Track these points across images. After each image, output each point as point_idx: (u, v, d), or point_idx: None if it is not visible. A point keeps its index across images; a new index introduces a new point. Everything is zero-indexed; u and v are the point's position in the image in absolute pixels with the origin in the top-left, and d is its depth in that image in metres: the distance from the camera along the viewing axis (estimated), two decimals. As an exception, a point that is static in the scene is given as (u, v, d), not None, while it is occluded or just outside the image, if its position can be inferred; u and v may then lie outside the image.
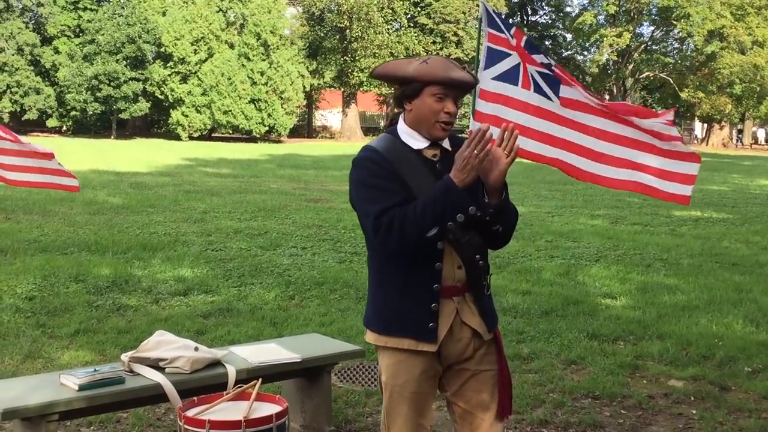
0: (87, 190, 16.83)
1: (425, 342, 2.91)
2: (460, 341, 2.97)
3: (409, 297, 2.91)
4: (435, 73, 2.84)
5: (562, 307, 7.74)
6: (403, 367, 2.94)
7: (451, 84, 2.85)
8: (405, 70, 2.90)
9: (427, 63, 2.87)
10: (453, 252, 2.90)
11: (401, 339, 2.93)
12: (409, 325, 2.91)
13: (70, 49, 45.18)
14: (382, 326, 2.97)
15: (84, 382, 3.71)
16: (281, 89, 45.88)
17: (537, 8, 64.63)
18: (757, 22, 52.85)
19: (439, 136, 2.92)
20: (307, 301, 7.82)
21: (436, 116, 2.88)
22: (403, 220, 2.76)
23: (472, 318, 2.97)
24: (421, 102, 2.89)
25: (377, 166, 2.88)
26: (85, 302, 7.44)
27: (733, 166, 35.69)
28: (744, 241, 12.46)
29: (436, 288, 2.89)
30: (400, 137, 2.96)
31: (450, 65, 2.87)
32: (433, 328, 2.90)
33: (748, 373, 5.94)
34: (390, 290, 2.96)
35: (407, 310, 2.92)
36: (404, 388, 2.95)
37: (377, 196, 2.82)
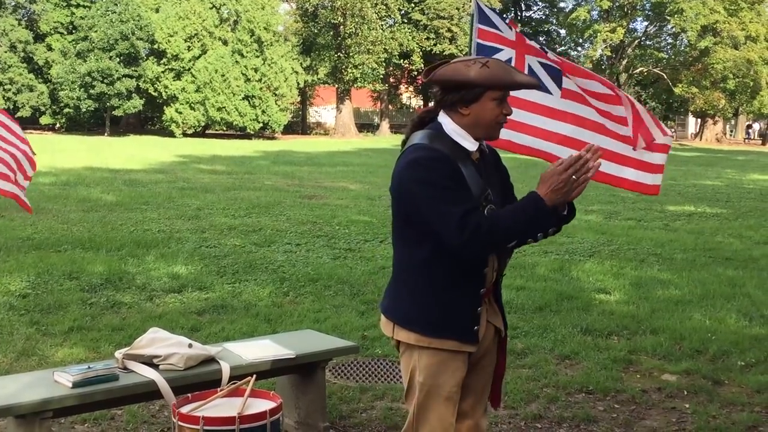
0: (81, 187, 16.80)
1: (468, 344, 2.97)
2: (486, 339, 3.07)
3: (452, 300, 2.93)
4: (500, 78, 2.82)
5: (556, 302, 7.76)
6: (444, 368, 2.95)
7: (515, 88, 2.92)
8: (467, 75, 2.82)
9: (488, 67, 2.82)
10: (494, 256, 2.99)
11: (445, 340, 2.93)
12: (455, 327, 2.94)
13: (63, 46, 45.00)
14: (427, 327, 2.94)
15: (78, 380, 3.71)
16: (275, 86, 45.79)
17: (531, 4, 64.65)
18: (750, 17, 52.92)
19: (496, 136, 2.99)
20: (302, 298, 7.82)
21: (497, 119, 2.90)
22: (491, 226, 2.75)
23: (495, 317, 3.10)
24: (482, 106, 2.86)
25: (445, 166, 2.82)
26: (79, 300, 7.43)
27: (727, 161, 35.77)
28: (737, 236, 12.50)
29: (482, 292, 2.97)
30: (451, 137, 2.91)
31: (509, 69, 2.91)
32: (477, 330, 2.98)
33: (741, 367, 5.96)
34: (437, 291, 2.92)
35: (454, 312, 2.94)
36: (442, 388, 2.96)
37: (454, 197, 2.78)
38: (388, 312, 3.06)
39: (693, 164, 31.94)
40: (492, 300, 3.09)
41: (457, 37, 50.54)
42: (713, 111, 55.67)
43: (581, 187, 2.75)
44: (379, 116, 58.47)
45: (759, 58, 51.94)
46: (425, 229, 2.84)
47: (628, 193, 18.43)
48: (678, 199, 18.00)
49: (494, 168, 3.08)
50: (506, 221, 2.78)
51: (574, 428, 4.82)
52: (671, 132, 5.13)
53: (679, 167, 28.71)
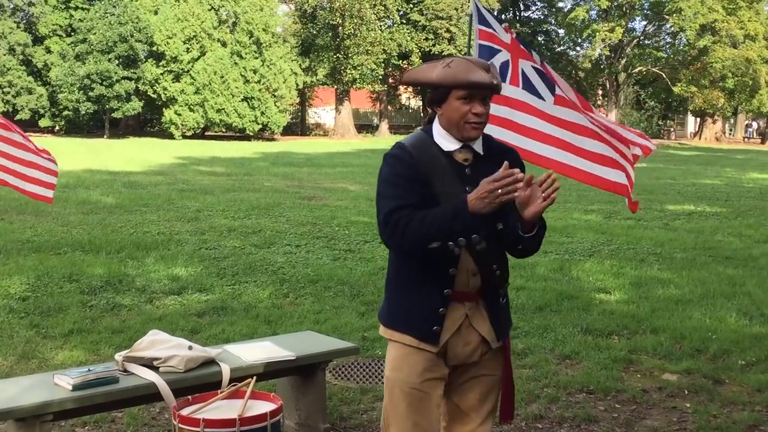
0: (80, 190, 16.80)
1: (427, 343, 2.94)
2: (468, 345, 3.00)
3: (418, 297, 2.94)
4: (456, 77, 2.83)
5: (556, 302, 7.76)
6: (406, 362, 2.97)
7: (472, 86, 2.85)
8: (429, 77, 2.90)
9: (449, 66, 2.85)
10: (470, 259, 2.92)
11: (405, 335, 2.97)
12: (414, 324, 2.95)
13: (62, 48, 44.99)
14: (391, 320, 3.03)
15: (78, 382, 3.70)
16: (274, 87, 45.78)
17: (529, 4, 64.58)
18: (749, 15, 52.90)
19: (472, 136, 2.92)
20: (302, 299, 7.82)
21: (464, 118, 2.88)
22: (408, 223, 2.78)
23: (482, 324, 3.00)
24: (449, 106, 2.89)
25: (402, 165, 2.90)
26: (78, 302, 7.43)
27: (726, 159, 35.77)
28: (737, 235, 12.50)
29: (446, 293, 2.92)
30: (433, 137, 2.97)
31: (471, 67, 2.85)
32: (436, 331, 2.93)
33: (741, 366, 5.96)
34: (402, 287, 3.00)
35: (415, 309, 2.95)
36: (404, 382, 2.97)
37: (395, 194, 2.85)
38: (378, 313, 3.18)
39: (692, 163, 31.94)
40: (483, 306, 3.00)
41: (455, 37, 50.54)
42: (712, 110, 55.65)
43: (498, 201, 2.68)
44: (378, 117, 58.45)
45: (758, 57, 51.92)
46: None
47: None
48: (677, 198, 18.01)
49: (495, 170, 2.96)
50: (426, 219, 2.77)
51: (575, 428, 4.82)
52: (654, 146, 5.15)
53: (678, 166, 28.72)
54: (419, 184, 2.85)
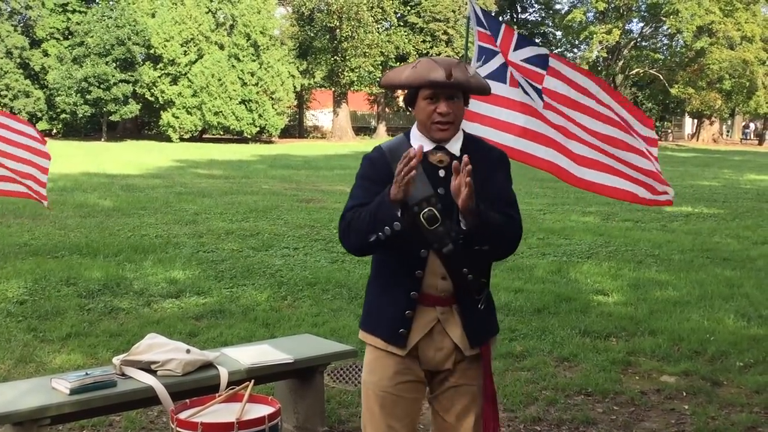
0: (78, 193, 16.78)
1: (395, 346, 2.93)
2: (441, 350, 2.95)
3: (387, 299, 2.95)
4: (419, 77, 2.84)
5: (554, 304, 7.76)
6: (377, 365, 2.98)
7: (432, 86, 2.83)
8: (400, 78, 2.91)
9: (416, 67, 2.86)
10: (438, 262, 2.88)
11: (375, 338, 2.99)
12: (383, 326, 2.96)
13: (59, 51, 44.96)
14: (364, 322, 3.06)
15: (75, 386, 3.70)
16: (272, 90, 45.76)
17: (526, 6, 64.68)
18: (746, 17, 52.96)
19: (438, 137, 2.90)
20: (300, 302, 7.82)
21: (431, 118, 2.87)
22: (350, 221, 2.85)
23: (454, 330, 2.94)
24: (418, 106, 2.90)
25: (371, 167, 2.95)
26: (76, 305, 7.42)
27: (724, 161, 35.80)
28: (735, 236, 12.51)
29: (413, 295, 2.89)
30: (410, 139, 2.98)
31: (433, 66, 2.83)
32: (403, 334, 2.91)
33: (739, 367, 5.96)
34: (375, 289, 3.03)
35: (383, 311, 2.96)
36: (376, 385, 2.98)
37: (355, 195, 2.92)
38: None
39: (690, 165, 31.96)
40: (457, 312, 2.93)
41: (453, 39, 50.57)
42: (710, 111, 55.70)
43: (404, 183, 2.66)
44: (376, 119, 58.43)
45: (755, 59, 51.97)
46: None
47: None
48: (675, 199, 17.93)
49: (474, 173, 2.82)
50: (362, 214, 2.82)
51: (573, 430, 4.81)
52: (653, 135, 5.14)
53: (676, 168, 28.73)
54: (384, 186, 2.81)
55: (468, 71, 2.89)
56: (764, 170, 29.46)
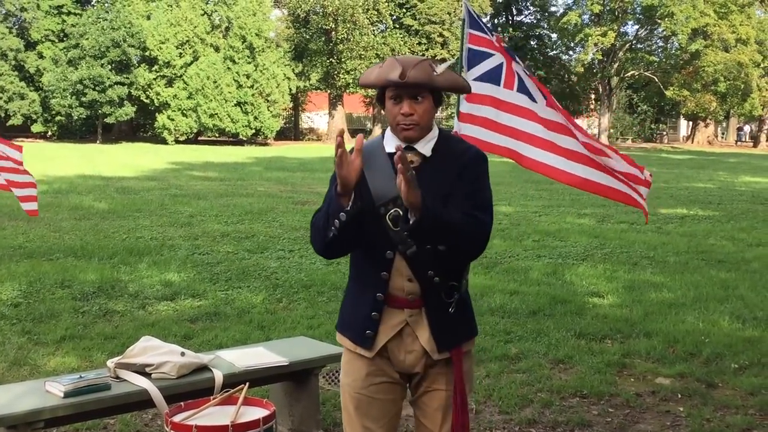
0: (72, 195, 16.76)
1: (362, 348, 2.93)
2: (411, 353, 2.90)
3: (356, 301, 2.96)
4: (380, 77, 2.79)
5: (549, 306, 7.76)
6: (350, 366, 3.00)
7: (387, 86, 2.79)
8: (370, 78, 2.85)
9: (381, 67, 2.80)
10: (403, 263, 2.83)
11: (345, 339, 3.00)
12: (352, 327, 2.96)
13: (54, 53, 44.94)
14: (337, 324, 3.08)
15: (69, 389, 3.68)
16: (267, 92, 45.79)
17: (522, 8, 64.72)
18: (741, 19, 53.09)
19: (402, 136, 2.83)
20: (295, 304, 7.81)
21: (395, 119, 2.82)
22: (314, 222, 2.87)
23: (422, 333, 2.88)
24: (386, 106, 2.86)
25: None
26: (71, 308, 7.40)
27: (719, 163, 35.87)
28: (730, 238, 12.53)
29: (379, 297, 2.86)
30: (384, 139, 2.91)
31: (394, 65, 2.75)
32: (369, 335, 2.89)
33: (734, 369, 5.97)
34: (348, 292, 3.05)
35: (353, 313, 2.97)
36: (350, 386, 2.98)
37: (325, 198, 2.89)
38: None
39: (685, 167, 32.02)
40: (423, 313, 2.86)
41: (448, 42, 50.64)
42: (704, 114, 55.83)
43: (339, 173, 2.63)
44: (371, 121, 58.46)
45: (749, 61, 52.10)
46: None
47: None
48: (670, 201, 18.04)
49: (445, 174, 2.84)
50: (318, 216, 2.84)
51: (568, 433, 4.81)
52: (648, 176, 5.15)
53: (671, 170, 28.79)
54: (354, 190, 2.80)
55: (432, 69, 2.76)
56: (759, 172, 29.53)
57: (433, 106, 2.83)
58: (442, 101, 2.88)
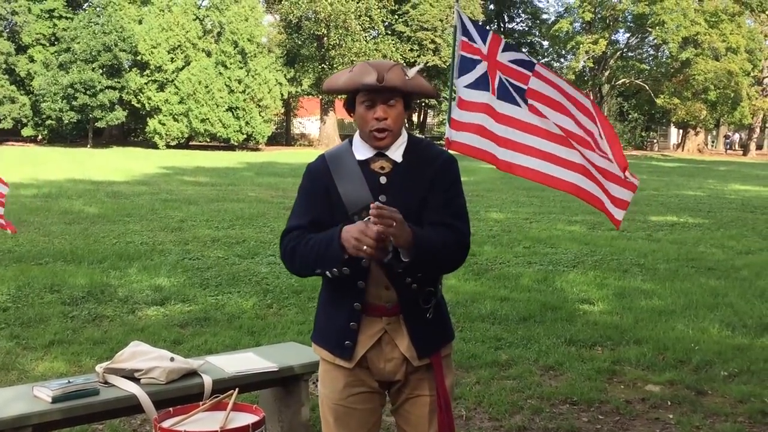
0: (62, 200, 16.70)
1: (341, 359, 2.88)
2: (390, 361, 2.88)
3: (332, 311, 2.91)
4: (353, 82, 2.75)
5: (540, 313, 7.76)
6: (327, 377, 2.95)
7: (367, 90, 2.74)
8: (338, 83, 2.81)
9: (352, 71, 2.77)
10: (381, 272, 2.80)
11: (322, 350, 2.95)
12: (329, 338, 2.92)
13: (45, 57, 44.80)
14: (313, 335, 3.03)
15: (57, 394, 3.66)
16: (259, 97, 45.75)
17: (514, 16, 65.01)
18: (731, 29, 53.39)
19: (375, 145, 2.81)
20: (285, 310, 7.79)
21: (368, 125, 2.77)
22: (295, 247, 2.79)
23: (402, 341, 2.86)
24: (356, 113, 2.81)
25: (310, 178, 2.91)
26: (60, 313, 7.37)
27: (709, 171, 36.01)
28: (719, 246, 12.57)
29: (356, 306, 2.83)
30: (353, 146, 2.89)
31: (367, 70, 2.73)
32: (349, 346, 2.85)
33: (724, 377, 5.98)
34: (322, 301, 2.99)
35: (329, 323, 2.92)
36: (328, 398, 2.94)
37: (296, 211, 2.87)
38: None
39: (675, 175, 32.13)
40: (402, 320, 2.85)
41: (440, 48, 50.73)
42: (695, 122, 56.08)
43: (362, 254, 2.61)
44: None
45: (739, 70, 52.39)
46: None
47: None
48: (660, 209, 18.10)
49: (417, 180, 2.84)
50: (309, 243, 2.76)
51: (558, 439, 4.81)
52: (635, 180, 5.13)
53: (661, 178, 28.89)
54: (324, 197, 2.80)
55: (405, 74, 2.76)
56: (749, 180, 29.66)
57: (403, 111, 2.82)
58: (411, 106, 2.87)
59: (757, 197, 22.19)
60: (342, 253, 2.65)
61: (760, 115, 58.23)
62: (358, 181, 2.77)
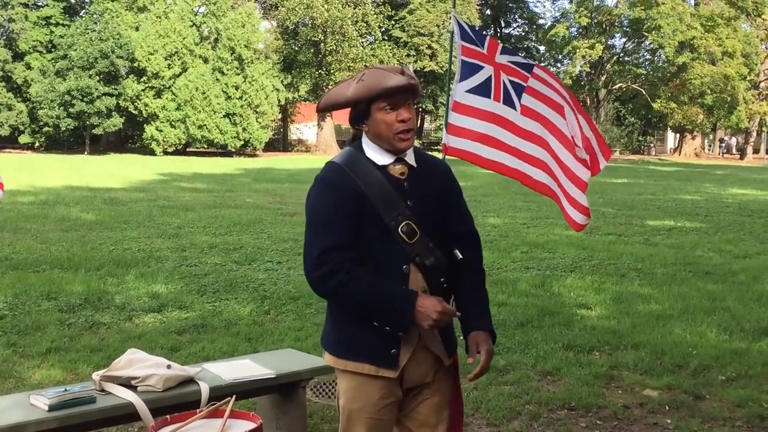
0: (60, 207, 16.68)
1: (386, 368, 2.83)
2: (422, 366, 2.89)
3: (368, 322, 2.82)
4: (372, 89, 2.74)
5: (537, 318, 7.76)
6: (362, 392, 2.86)
7: (391, 93, 2.75)
8: (345, 95, 2.81)
9: (363, 80, 2.76)
10: (419, 275, 2.82)
11: (361, 364, 2.85)
12: (370, 350, 2.83)
13: (42, 64, 44.83)
14: (342, 349, 2.90)
15: (54, 402, 3.65)
16: (256, 103, 45.79)
17: (510, 21, 65.16)
18: (727, 33, 53.52)
19: (402, 147, 2.81)
20: (283, 316, 7.78)
21: (392, 128, 2.77)
22: (348, 283, 2.71)
23: (434, 343, 2.90)
24: (373, 120, 2.79)
25: (333, 188, 2.79)
26: (57, 320, 7.35)
27: (706, 175, 36.05)
28: (717, 250, 12.57)
29: None
30: (365, 153, 2.87)
31: (384, 74, 2.75)
32: (394, 354, 2.82)
33: (722, 381, 5.98)
34: (347, 313, 2.88)
35: (369, 334, 2.82)
36: (361, 412, 2.87)
37: (328, 228, 2.75)
38: (321, 338, 3.05)
39: (672, 179, 32.17)
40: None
41: (437, 54, 50.83)
42: (691, 126, 56.19)
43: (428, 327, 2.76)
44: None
45: (736, 74, 52.50)
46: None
47: (608, 208, 18.57)
48: (658, 213, 18.11)
49: (431, 183, 2.92)
50: (369, 290, 2.71)
51: (556, 445, 4.80)
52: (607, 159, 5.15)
53: (658, 182, 28.92)
54: (354, 206, 2.75)
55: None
56: (746, 184, 29.70)
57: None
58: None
59: (755, 201, 22.22)
60: (412, 324, 2.72)
61: (756, 119, 58.36)
62: (385, 186, 2.78)
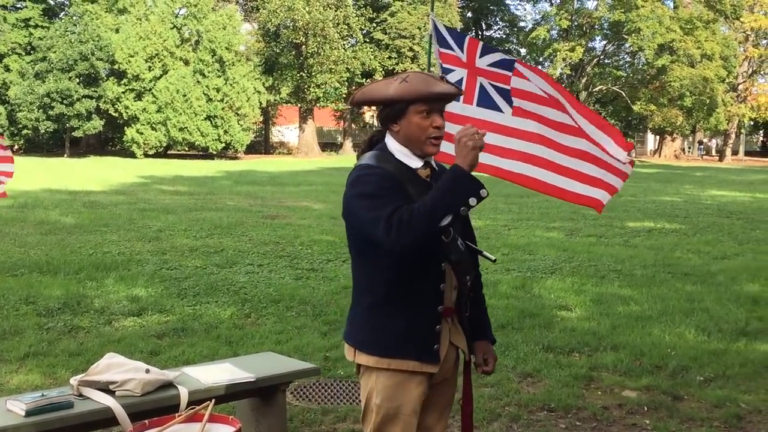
0: (39, 210, 16.55)
1: (429, 363, 2.92)
2: (448, 362, 3.02)
3: (414, 318, 2.89)
4: (418, 91, 2.80)
5: (518, 319, 7.79)
6: (401, 390, 2.91)
7: (436, 98, 2.83)
8: (386, 93, 2.85)
9: (407, 81, 2.82)
10: (451, 273, 2.93)
11: (405, 361, 2.90)
12: (415, 346, 2.90)
13: (21, 66, 44.49)
14: (384, 348, 2.92)
15: (31, 408, 3.62)
16: (237, 105, 45.66)
17: (491, 23, 65.37)
18: (706, 35, 53.96)
19: (431, 152, 2.91)
20: (264, 319, 7.77)
21: (426, 133, 2.85)
22: (411, 214, 2.66)
23: (458, 338, 3.03)
24: (408, 121, 2.85)
25: (384, 179, 2.81)
26: (35, 324, 7.30)
27: (685, 177, 36.32)
28: (696, 251, 12.66)
29: (440, 309, 2.92)
30: (395, 156, 2.92)
31: (430, 79, 2.84)
32: (437, 349, 2.93)
33: (700, 382, 6.02)
34: (395, 311, 2.90)
35: (413, 331, 2.90)
36: (399, 410, 2.91)
37: (386, 202, 2.72)
38: (348, 338, 3.06)
39: (652, 180, 32.38)
40: (456, 320, 3.02)
41: (418, 56, 50.85)
42: (671, 128, 56.57)
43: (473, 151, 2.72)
44: (342, 135, 58.53)
45: (715, 76, 52.95)
46: (379, 251, 2.79)
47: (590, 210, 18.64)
48: (637, 215, 18.22)
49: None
50: (426, 202, 2.68)
51: (536, 446, 4.82)
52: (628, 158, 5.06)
53: (638, 184, 29.09)
54: (403, 192, 2.80)
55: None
56: (725, 186, 29.95)
57: None
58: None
59: (733, 202, 22.41)
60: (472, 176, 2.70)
61: (735, 121, 58.88)
62: (422, 187, 2.86)
